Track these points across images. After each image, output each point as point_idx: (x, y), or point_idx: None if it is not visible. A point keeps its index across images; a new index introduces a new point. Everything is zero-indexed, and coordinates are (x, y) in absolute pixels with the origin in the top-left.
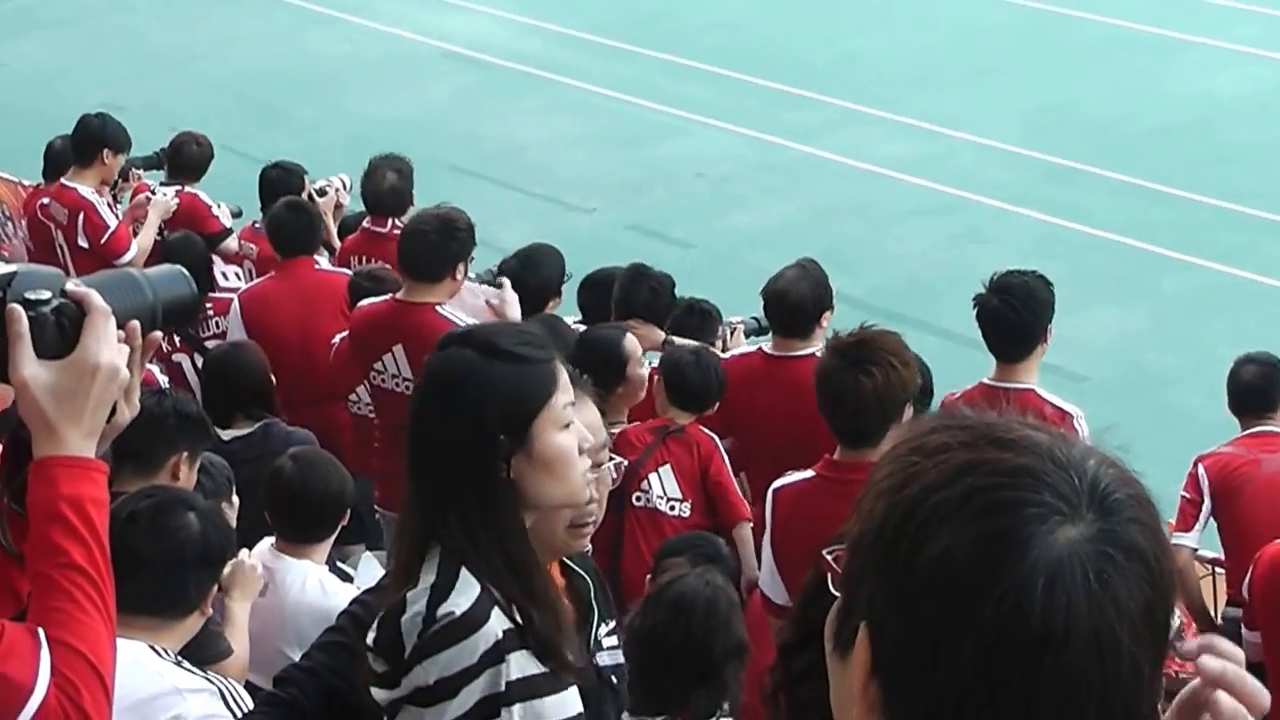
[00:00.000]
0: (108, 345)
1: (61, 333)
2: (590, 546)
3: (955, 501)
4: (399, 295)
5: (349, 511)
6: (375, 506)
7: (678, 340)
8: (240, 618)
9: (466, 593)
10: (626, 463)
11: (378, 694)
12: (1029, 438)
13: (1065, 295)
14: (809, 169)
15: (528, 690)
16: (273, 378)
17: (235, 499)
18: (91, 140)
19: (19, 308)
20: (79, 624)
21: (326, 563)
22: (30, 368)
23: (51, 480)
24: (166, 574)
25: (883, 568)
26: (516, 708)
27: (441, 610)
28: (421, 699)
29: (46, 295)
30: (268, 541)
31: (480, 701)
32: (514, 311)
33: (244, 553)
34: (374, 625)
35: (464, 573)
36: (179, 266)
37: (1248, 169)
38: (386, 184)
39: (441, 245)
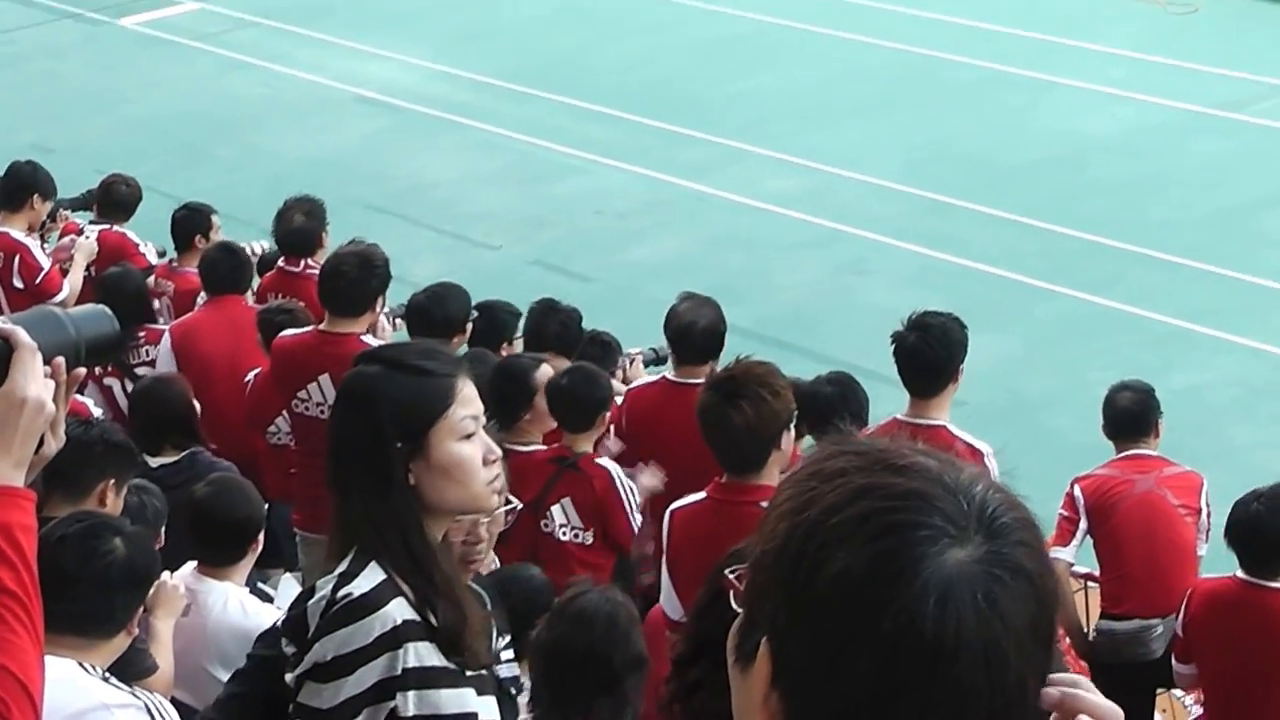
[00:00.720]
0: (34, 380)
1: None
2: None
3: (852, 523)
4: (322, 327)
5: (264, 535)
6: (295, 529)
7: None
8: (165, 635)
9: (369, 579)
10: (521, 505)
11: (288, 676)
12: (920, 464)
13: None
14: (701, 205)
15: (424, 679)
16: (197, 407)
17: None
18: (22, 186)
19: None
20: (8, 644)
21: (247, 584)
22: None
23: None
24: (94, 594)
25: (784, 585)
26: (411, 694)
27: (341, 593)
28: (319, 674)
29: None
30: (191, 565)
31: (377, 683)
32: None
33: (166, 574)
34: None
35: (372, 565)
36: (102, 306)
37: (1114, 203)
38: (295, 225)
39: (362, 281)
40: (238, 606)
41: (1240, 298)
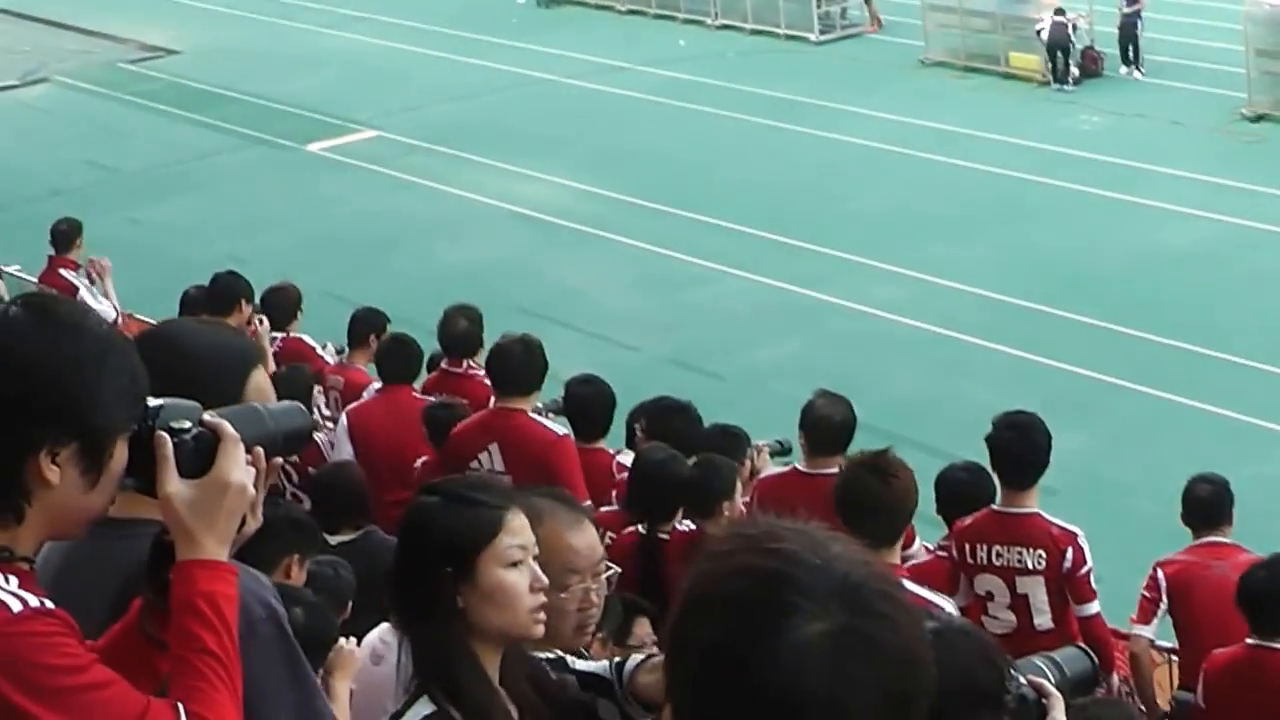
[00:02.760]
0: (237, 467)
1: (199, 456)
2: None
3: (720, 601)
4: (494, 405)
5: None
6: None
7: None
8: (342, 695)
9: (415, 714)
10: (620, 571)
11: None
12: (787, 548)
13: None
14: (816, 311)
15: None
16: (366, 493)
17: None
18: (229, 293)
19: (165, 435)
20: (210, 699)
21: None
22: (174, 484)
23: (190, 579)
24: None
25: (671, 654)
26: None
27: None
28: None
29: (187, 424)
30: (386, 624)
31: None
32: None
33: (345, 641)
34: None
35: (424, 698)
36: (297, 402)
37: (1187, 310)
38: (459, 329)
39: (529, 362)
40: None
41: None
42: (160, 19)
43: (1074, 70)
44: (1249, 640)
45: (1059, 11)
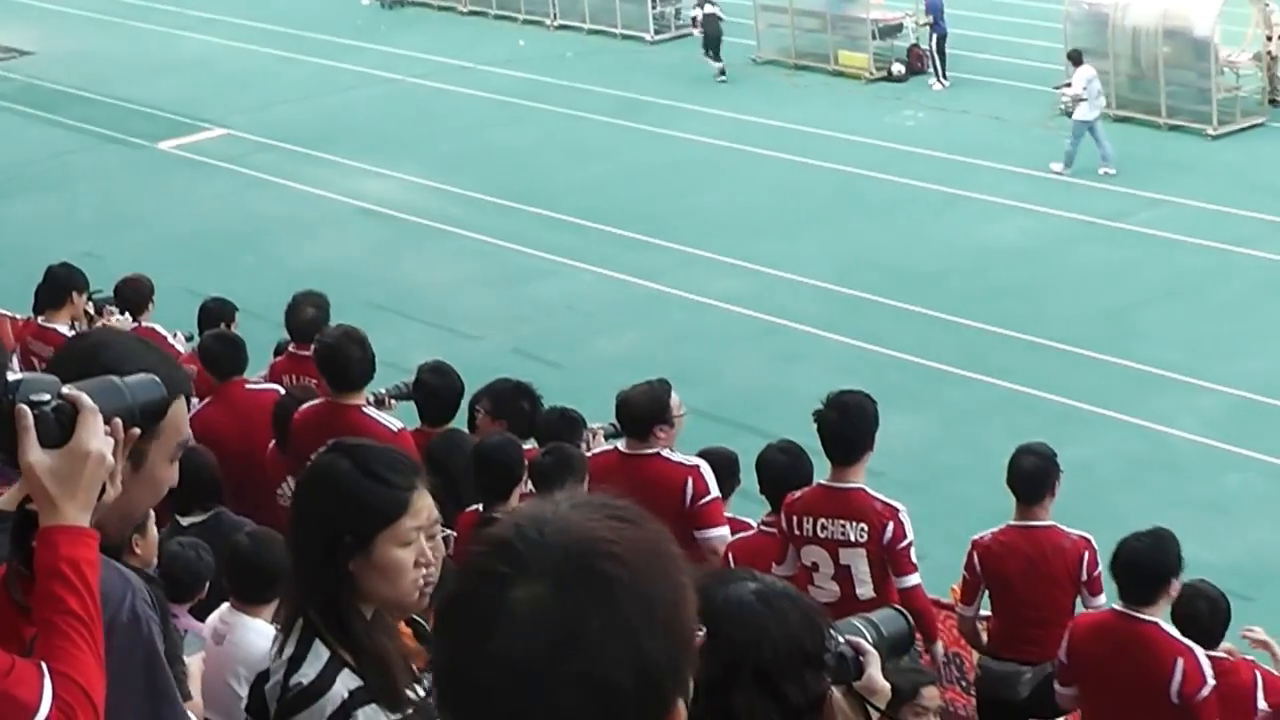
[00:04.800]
0: (95, 437)
1: (59, 427)
2: None
3: (457, 570)
4: (329, 399)
5: None
6: None
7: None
8: (195, 669)
9: (315, 663)
10: (453, 534)
11: None
12: (506, 521)
13: None
14: (656, 302)
15: None
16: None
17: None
18: (61, 286)
19: (25, 408)
20: (75, 659)
21: (273, 620)
22: (35, 454)
23: (53, 544)
24: None
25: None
26: None
27: (293, 680)
28: None
29: (46, 397)
30: (226, 604)
31: None
32: None
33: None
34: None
35: (316, 644)
36: (152, 375)
37: (1015, 301)
38: (306, 316)
39: (361, 359)
40: (264, 639)
41: (1121, 382)
42: (13, 20)
43: (899, 68)
44: (1115, 606)
45: (703, 3)
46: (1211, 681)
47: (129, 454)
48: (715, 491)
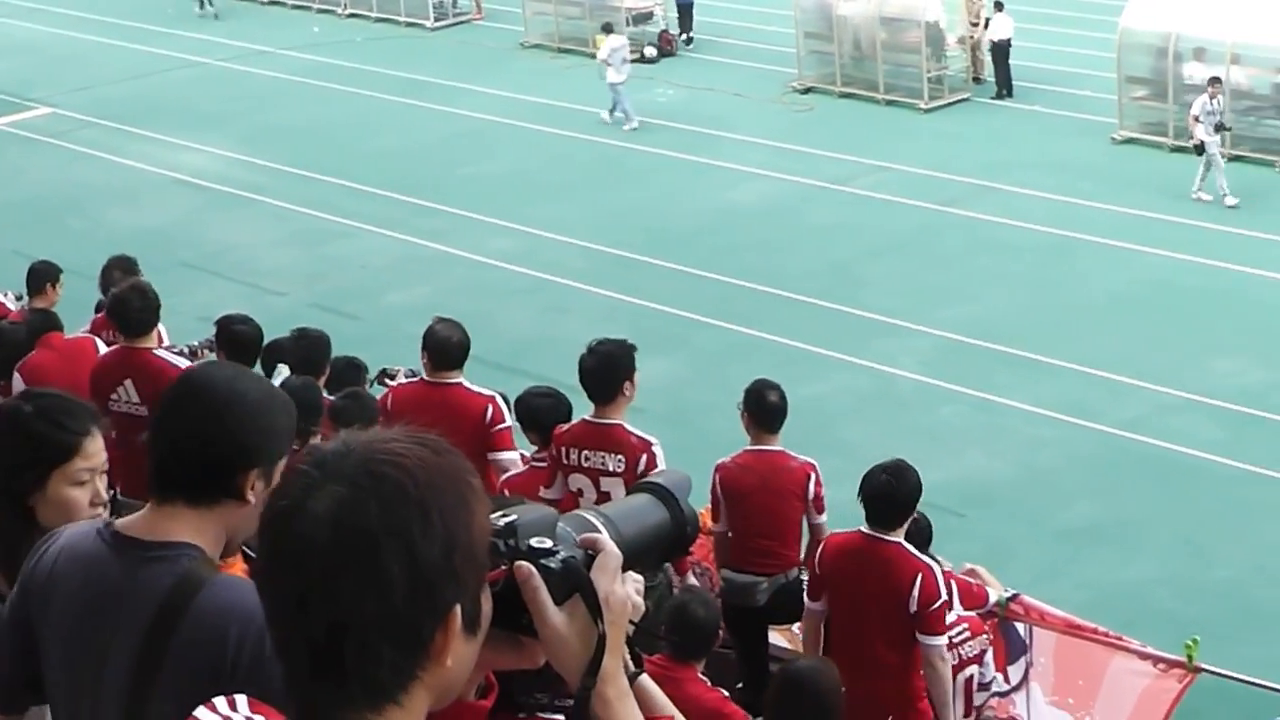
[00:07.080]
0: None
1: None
2: None
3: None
4: (121, 345)
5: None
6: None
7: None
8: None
9: None
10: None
11: None
12: (320, 447)
13: None
14: (441, 261)
15: None
16: None
17: None
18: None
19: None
20: None
21: None
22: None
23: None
24: None
25: None
26: None
27: None
28: None
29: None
30: None
31: None
32: None
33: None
34: None
35: None
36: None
37: (758, 256)
38: (114, 279)
39: (145, 306)
40: None
41: (848, 327)
42: None
43: (651, 50)
44: (862, 529)
45: None
46: (944, 596)
47: None
48: (509, 420)
